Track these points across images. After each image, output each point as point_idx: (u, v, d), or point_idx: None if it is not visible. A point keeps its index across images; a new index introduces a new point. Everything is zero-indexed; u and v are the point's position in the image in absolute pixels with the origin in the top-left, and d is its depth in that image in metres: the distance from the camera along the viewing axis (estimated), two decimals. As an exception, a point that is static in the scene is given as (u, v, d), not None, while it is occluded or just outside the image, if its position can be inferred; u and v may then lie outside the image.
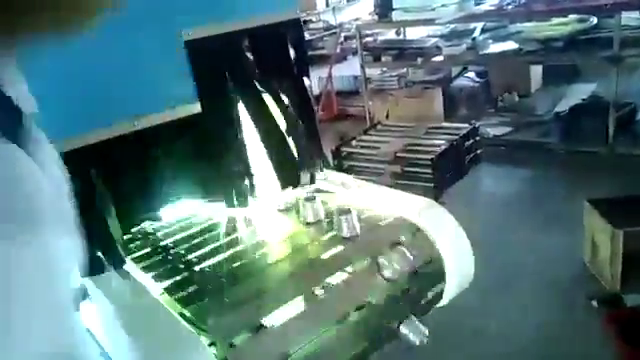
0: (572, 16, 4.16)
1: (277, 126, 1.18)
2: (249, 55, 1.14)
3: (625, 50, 3.64)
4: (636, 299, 2.37)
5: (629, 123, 4.00)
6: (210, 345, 0.91)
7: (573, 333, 2.28)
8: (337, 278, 1.01)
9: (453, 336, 2.34)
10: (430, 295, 1.11)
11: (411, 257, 0.99)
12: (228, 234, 1.21)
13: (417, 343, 0.98)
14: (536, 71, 5.24)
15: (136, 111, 1.04)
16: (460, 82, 5.41)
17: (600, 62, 3.79)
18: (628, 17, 3.96)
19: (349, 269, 1.03)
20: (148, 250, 1.21)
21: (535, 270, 2.72)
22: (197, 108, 1.10)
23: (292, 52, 1.21)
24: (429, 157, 3.64)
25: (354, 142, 4.26)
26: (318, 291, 0.98)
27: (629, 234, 2.36)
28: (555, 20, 4.24)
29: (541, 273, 2.69)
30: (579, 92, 4.81)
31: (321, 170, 1.34)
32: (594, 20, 4.12)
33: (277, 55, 1.18)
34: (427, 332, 0.98)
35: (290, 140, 1.22)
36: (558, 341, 2.24)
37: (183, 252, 1.17)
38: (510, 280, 2.68)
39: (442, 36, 5.08)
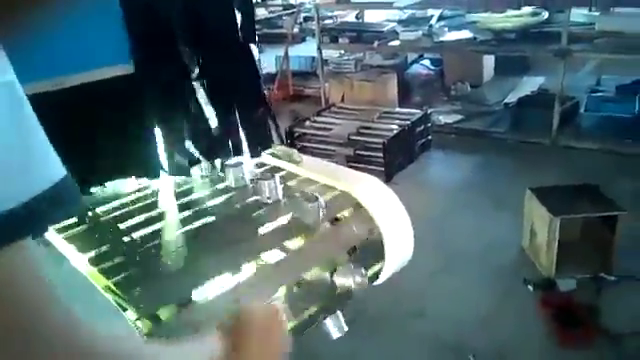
0: (526, 9, 4.25)
1: (219, 92, 1.12)
2: (190, 14, 1.07)
3: (572, 45, 3.76)
4: (569, 284, 2.48)
5: (572, 117, 4.15)
6: (136, 320, 0.86)
7: (509, 315, 2.36)
8: (272, 255, 0.97)
9: (392, 316, 2.37)
10: (369, 272, 1.10)
11: (364, 274, 0.98)
12: (161, 204, 1.15)
13: (334, 337, 1.00)
14: (488, 63, 5.35)
15: (60, 69, 0.96)
16: (415, 69, 5.45)
17: (548, 54, 3.90)
18: (577, 13, 4.09)
19: (284, 245, 0.99)
20: (74, 220, 1.14)
21: (476, 254, 2.79)
22: (130, 69, 1.02)
23: (238, 15, 1.15)
24: (381, 141, 3.65)
25: (308, 123, 4.22)
26: (252, 266, 0.95)
27: (565, 221, 2.45)
28: (509, 12, 4.33)
29: (482, 257, 2.76)
30: (528, 85, 4.95)
31: (269, 143, 1.29)
32: (545, 14, 4.23)
33: (221, 16, 1.12)
34: (346, 328, 1.00)
35: (233, 108, 1.17)
36: (495, 322, 2.31)
37: (112, 222, 1.11)
38: (451, 263, 2.74)
39: (400, 21, 5.09)
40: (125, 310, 0.86)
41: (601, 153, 3.75)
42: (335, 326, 1.02)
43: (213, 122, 1.14)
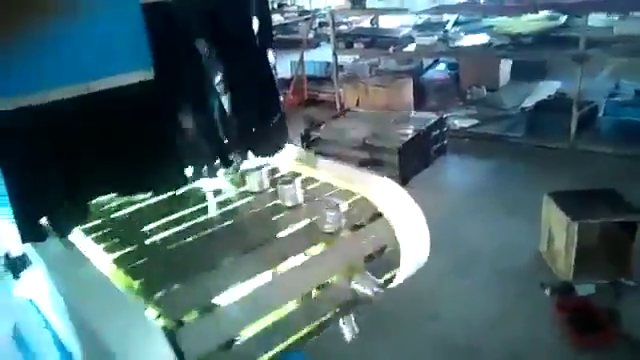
0: (542, 13, 4.23)
1: (236, 96, 1.15)
2: (209, 21, 1.10)
3: (590, 49, 3.73)
4: (587, 289, 2.45)
5: (590, 121, 4.11)
6: (157, 317, 0.88)
7: (525, 319, 2.34)
8: (294, 261, 0.98)
9: (408, 318, 2.37)
10: (383, 279, 1.11)
11: (377, 282, 1.00)
12: (185, 207, 1.17)
13: (347, 340, 1.01)
14: (505, 67, 5.32)
15: (80, 75, 0.98)
16: (431, 74, 5.45)
17: (566, 59, 3.87)
18: (594, 18, 4.05)
19: (306, 251, 1.00)
20: (100, 222, 1.16)
21: (493, 258, 2.78)
22: (150, 75, 1.05)
23: (255, 22, 1.17)
24: (396, 145, 3.66)
25: (323, 127, 4.24)
26: (272, 272, 0.96)
27: (583, 226, 2.43)
28: (526, 16, 4.31)
29: (498, 261, 2.75)
30: (545, 89, 4.91)
31: (282, 145, 1.31)
32: (563, 19, 4.20)
33: (239, 22, 1.14)
34: (357, 331, 1.02)
35: (250, 112, 1.19)
36: (511, 326, 2.30)
37: (137, 224, 1.13)
38: (468, 266, 2.73)
39: (415, 26, 5.10)
40: (145, 308, 0.88)
41: (620, 157, 3.70)
42: (347, 328, 1.04)
43: (230, 124, 1.16)
